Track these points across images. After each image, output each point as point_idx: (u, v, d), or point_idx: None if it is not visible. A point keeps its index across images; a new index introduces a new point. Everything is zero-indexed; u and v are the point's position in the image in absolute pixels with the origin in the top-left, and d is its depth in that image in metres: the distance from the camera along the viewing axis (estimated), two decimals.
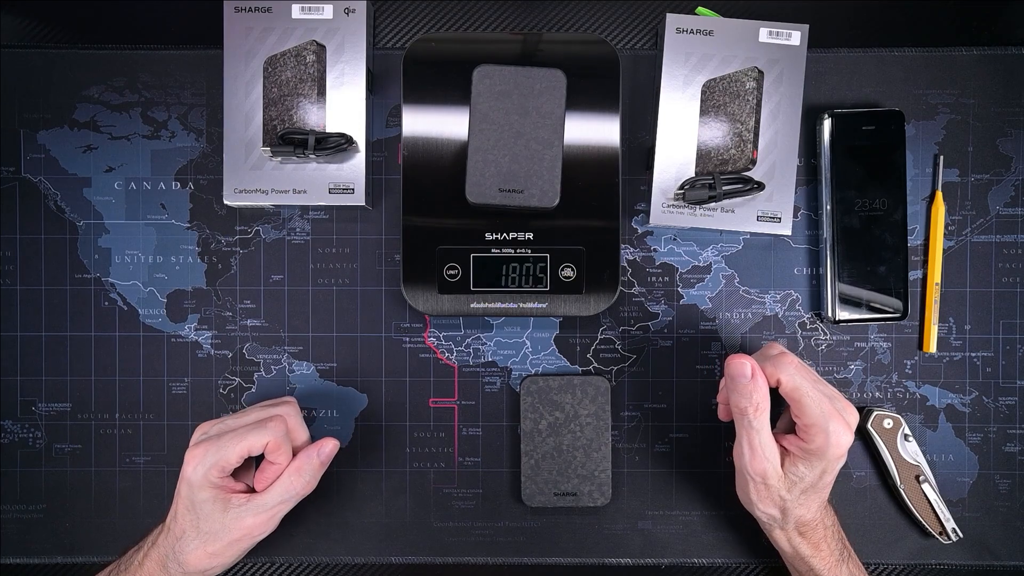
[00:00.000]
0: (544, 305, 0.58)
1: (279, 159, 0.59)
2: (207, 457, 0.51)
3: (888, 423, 0.60)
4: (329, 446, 0.55)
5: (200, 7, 0.61)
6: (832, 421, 0.50)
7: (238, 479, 0.55)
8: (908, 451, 0.60)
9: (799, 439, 0.51)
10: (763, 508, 0.53)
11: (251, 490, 0.54)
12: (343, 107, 0.59)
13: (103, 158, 0.62)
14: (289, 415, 0.55)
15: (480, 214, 0.58)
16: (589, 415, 0.60)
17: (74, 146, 0.62)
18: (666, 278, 0.62)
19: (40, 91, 0.62)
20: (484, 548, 0.62)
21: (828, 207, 0.60)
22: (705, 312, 0.62)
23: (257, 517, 0.53)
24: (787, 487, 0.51)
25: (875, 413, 0.60)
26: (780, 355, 0.52)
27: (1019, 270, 0.62)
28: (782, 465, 0.51)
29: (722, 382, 0.57)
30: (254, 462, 0.57)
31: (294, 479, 0.53)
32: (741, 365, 0.50)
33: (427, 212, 0.58)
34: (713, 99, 0.59)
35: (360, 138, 0.59)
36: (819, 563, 0.54)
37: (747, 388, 0.50)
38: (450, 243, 0.58)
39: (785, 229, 0.59)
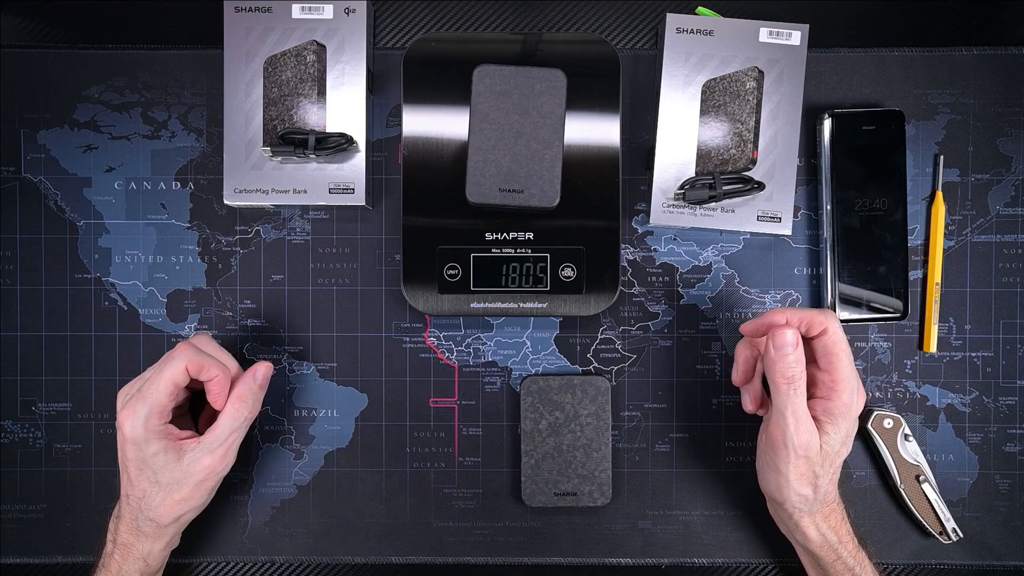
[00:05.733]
0: (544, 305, 0.58)
1: (279, 159, 0.59)
2: (138, 409, 0.51)
3: (888, 423, 0.60)
4: (263, 368, 0.55)
5: (200, 7, 0.61)
6: (855, 376, 0.52)
7: (182, 429, 0.55)
8: (908, 451, 0.60)
9: (823, 399, 0.52)
10: (798, 488, 0.52)
11: (196, 434, 0.55)
12: (343, 107, 0.59)
13: (103, 158, 0.62)
14: (190, 341, 0.55)
15: (480, 214, 0.58)
16: (589, 415, 0.60)
17: (74, 146, 0.62)
18: (666, 278, 0.62)
19: (40, 91, 0.62)
20: (484, 548, 0.62)
21: (828, 207, 0.60)
22: (705, 312, 0.62)
23: (214, 454, 0.53)
24: (820, 460, 0.52)
25: (875, 413, 0.60)
26: (824, 310, 0.52)
27: (1019, 270, 0.62)
28: None
29: (736, 374, 0.56)
30: (190, 415, 0.58)
31: (239, 407, 0.54)
32: (790, 335, 0.50)
33: (427, 212, 0.58)
34: (713, 99, 0.59)
35: (360, 138, 0.59)
36: (844, 549, 0.54)
37: (797, 356, 0.50)
38: (450, 243, 0.58)
39: (785, 229, 0.59)
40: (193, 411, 0.59)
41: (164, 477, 0.52)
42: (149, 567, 0.55)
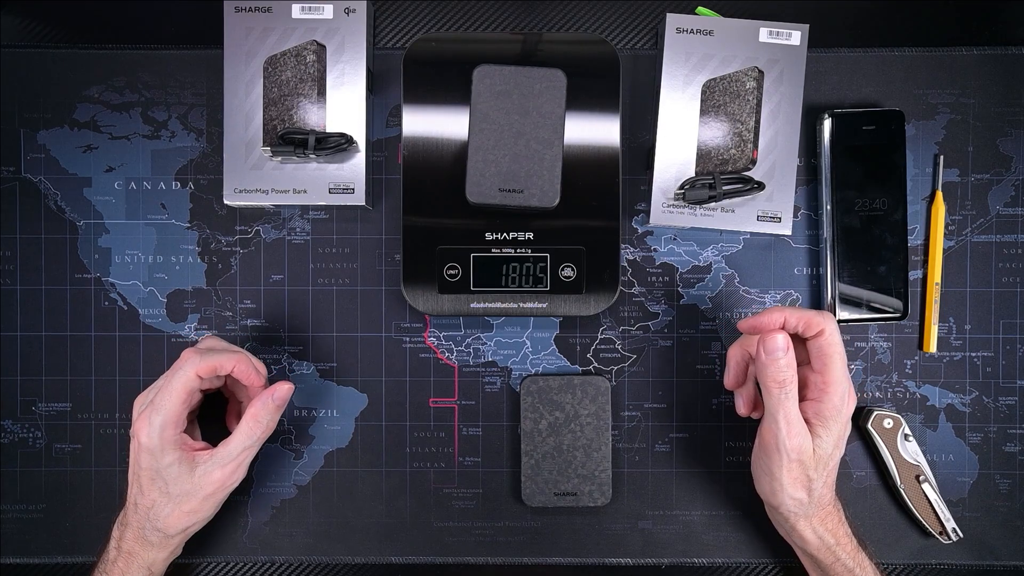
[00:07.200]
0: (544, 305, 0.58)
1: (279, 159, 0.59)
2: (153, 419, 0.51)
3: (888, 423, 0.60)
4: (283, 389, 0.55)
5: (200, 7, 0.61)
6: (847, 379, 0.52)
7: (195, 439, 0.56)
8: (908, 451, 0.60)
9: (814, 401, 0.52)
10: (792, 492, 0.52)
11: (210, 446, 0.55)
12: (343, 107, 0.59)
13: (103, 158, 0.62)
14: (195, 347, 0.55)
15: (480, 214, 0.58)
16: (589, 415, 0.60)
17: (74, 146, 0.62)
18: (666, 278, 0.62)
19: (40, 91, 0.62)
20: (484, 548, 0.62)
21: (828, 207, 0.60)
22: (705, 312, 0.62)
23: (225, 468, 0.53)
24: (813, 463, 0.52)
25: (875, 413, 0.60)
26: (822, 312, 0.53)
27: (1019, 270, 0.62)
28: None
29: (728, 378, 0.57)
30: (198, 424, 0.58)
31: (252, 426, 0.54)
32: (780, 339, 0.50)
33: (427, 212, 0.58)
34: (713, 99, 0.59)
35: (360, 138, 0.59)
36: (842, 551, 0.54)
37: (787, 360, 0.50)
38: (450, 243, 0.58)
39: (785, 229, 0.59)
40: (202, 416, 0.59)
41: (175, 488, 0.53)
42: (152, 575, 0.55)
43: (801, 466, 0.52)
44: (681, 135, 0.59)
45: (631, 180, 0.62)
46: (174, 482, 0.52)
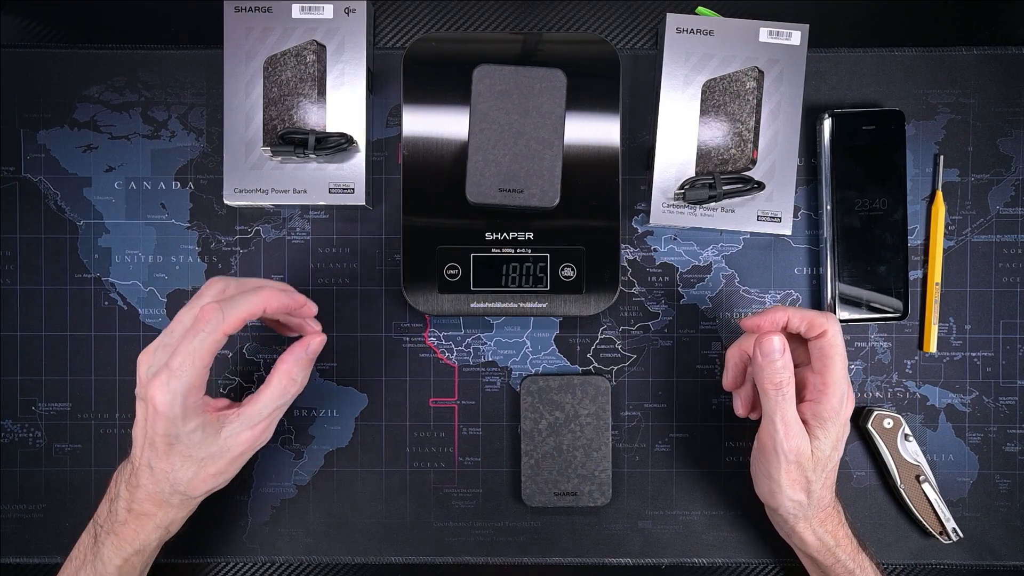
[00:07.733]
0: (544, 305, 0.58)
1: (279, 159, 0.59)
2: (173, 385, 0.46)
3: (888, 423, 0.60)
4: (316, 342, 0.52)
5: (200, 7, 0.61)
6: (847, 381, 0.52)
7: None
8: (908, 451, 0.60)
9: (812, 402, 0.51)
10: (791, 494, 0.52)
11: (233, 403, 0.52)
12: (343, 107, 0.59)
13: (103, 158, 0.62)
14: (214, 303, 0.48)
15: (480, 214, 0.58)
16: (589, 415, 0.60)
17: (74, 146, 0.62)
18: (666, 278, 0.62)
19: (40, 91, 0.62)
20: (484, 548, 0.62)
21: (828, 207, 0.60)
22: (705, 312, 0.62)
23: (255, 428, 0.51)
24: (812, 465, 0.52)
25: (875, 413, 0.60)
26: (825, 313, 0.52)
27: (1019, 270, 0.62)
28: None
29: (727, 379, 0.57)
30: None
31: (287, 384, 0.51)
32: (776, 341, 0.50)
33: (427, 212, 0.58)
34: (713, 99, 0.59)
35: (360, 138, 0.59)
36: (843, 552, 0.54)
37: (784, 361, 0.50)
38: (450, 243, 0.58)
39: (785, 229, 0.59)
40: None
41: (199, 452, 0.49)
42: (169, 533, 0.52)
43: (799, 468, 0.52)
44: (681, 135, 0.59)
45: (631, 180, 0.62)
46: (198, 447, 0.48)
